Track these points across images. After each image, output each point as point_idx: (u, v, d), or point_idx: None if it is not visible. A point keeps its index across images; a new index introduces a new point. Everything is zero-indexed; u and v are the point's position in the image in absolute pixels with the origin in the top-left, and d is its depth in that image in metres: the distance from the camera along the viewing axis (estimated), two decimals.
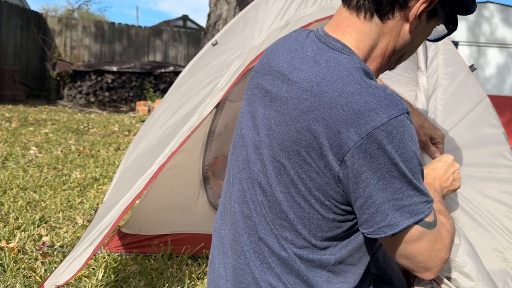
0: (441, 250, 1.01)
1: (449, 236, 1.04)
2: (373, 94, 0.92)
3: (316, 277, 1.02)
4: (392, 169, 0.91)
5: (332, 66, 0.98)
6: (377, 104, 0.91)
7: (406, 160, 0.92)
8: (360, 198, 0.94)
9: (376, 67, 1.08)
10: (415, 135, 0.95)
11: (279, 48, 1.11)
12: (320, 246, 1.01)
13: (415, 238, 0.97)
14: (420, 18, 1.03)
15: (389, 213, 0.93)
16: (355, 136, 0.90)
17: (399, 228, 0.94)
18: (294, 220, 1.00)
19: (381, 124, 0.90)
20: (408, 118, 0.94)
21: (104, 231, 1.70)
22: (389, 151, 0.90)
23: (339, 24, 1.05)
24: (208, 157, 2.38)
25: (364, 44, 1.03)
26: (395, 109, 0.91)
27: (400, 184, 0.92)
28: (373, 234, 0.96)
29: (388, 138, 0.90)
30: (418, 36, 1.07)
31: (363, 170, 0.92)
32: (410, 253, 0.99)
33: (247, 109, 1.11)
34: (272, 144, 1.01)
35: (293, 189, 0.99)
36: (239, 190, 1.09)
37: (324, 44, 1.03)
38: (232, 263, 1.10)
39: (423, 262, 1.00)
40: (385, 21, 1.02)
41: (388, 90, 0.95)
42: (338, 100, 0.93)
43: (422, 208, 0.95)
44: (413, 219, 0.94)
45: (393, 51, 1.07)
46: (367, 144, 0.90)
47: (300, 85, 0.99)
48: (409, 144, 0.92)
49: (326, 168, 0.94)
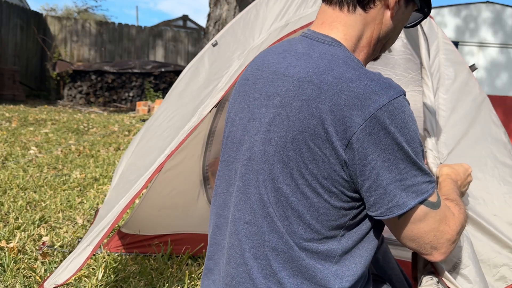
0: (446, 231, 1.02)
1: (456, 220, 1.05)
2: (371, 78, 0.96)
3: (324, 271, 1.02)
4: (396, 149, 0.94)
5: (326, 57, 1.02)
6: (377, 87, 0.95)
7: (408, 140, 0.95)
8: (367, 180, 0.96)
9: (363, 57, 1.12)
10: (414, 116, 0.99)
11: (267, 54, 1.14)
12: (328, 235, 1.02)
13: (421, 218, 0.99)
14: (399, 3, 1.09)
15: (397, 193, 0.96)
16: (359, 119, 0.93)
17: (407, 208, 0.96)
18: (303, 212, 1.00)
19: (383, 105, 0.93)
20: (406, 100, 0.98)
21: (103, 231, 1.70)
22: (392, 131, 0.93)
23: (324, 21, 1.10)
24: (208, 157, 2.38)
25: (351, 35, 1.08)
26: (394, 90, 0.95)
27: (404, 164, 0.95)
28: (382, 215, 0.98)
29: (390, 118, 0.93)
30: (399, 22, 1.13)
31: (369, 152, 0.94)
32: (416, 234, 1.01)
33: (241, 116, 1.11)
34: (275, 138, 1.02)
35: (300, 180, 0.99)
36: (239, 197, 1.09)
37: (314, 40, 1.07)
38: (230, 272, 1.09)
39: (430, 243, 1.02)
40: (367, 10, 1.07)
41: (383, 75, 1.00)
42: (339, 85, 0.96)
43: (426, 188, 0.98)
44: (419, 199, 0.97)
45: (377, 39, 1.11)
46: (371, 126, 0.93)
47: (298, 77, 1.01)
48: (410, 124, 0.96)
49: (332, 154, 0.96)
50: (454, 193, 1.18)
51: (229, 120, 1.16)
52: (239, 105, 1.13)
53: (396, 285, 1.37)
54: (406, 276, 1.43)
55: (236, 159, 1.11)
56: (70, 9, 19.22)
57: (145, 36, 13.61)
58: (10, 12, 11.64)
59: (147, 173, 1.78)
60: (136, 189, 1.76)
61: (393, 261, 1.40)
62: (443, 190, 1.20)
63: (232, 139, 1.13)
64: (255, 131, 1.06)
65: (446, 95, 1.64)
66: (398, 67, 2.01)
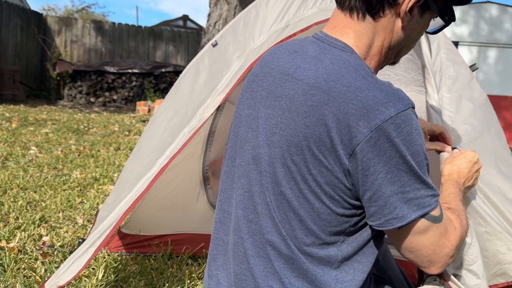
0: (445, 246, 1.02)
1: (457, 234, 1.05)
2: (380, 89, 0.95)
3: (324, 275, 1.02)
4: (400, 162, 0.93)
5: (336, 63, 1.00)
6: (385, 98, 0.94)
7: (413, 153, 0.94)
8: (368, 190, 0.95)
9: (374, 65, 1.10)
10: (421, 130, 0.98)
11: (277, 51, 1.12)
12: (328, 241, 1.02)
13: (421, 231, 0.99)
14: (411, 13, 1.05)
15: (397, 206, 0.95)
16: (364, 130, 0.92)
17: (407, 221, 0.96)
18: (304, 216, 1.00)
19: (390, 117, 0.92)
20: (414, 113, 0.96)
21: (105, 232, 1.70)
22: (398, 144, 0.92)
23: (336, 25, 1.08)
24: (208, 157, 2.38)
25: (362, 43, 1.06)
26: (402, 103, 0.94)
27: (407, 177, 0.94)
28: (381, 226, 0.98)
29: (396, 131, 0.92)
30: (413, 30, 1.09)
31: (372, 163, 0.93)
32: (415, 246, 1.00)
33: (248, 112, 1.11)
34: (279, 141, 1.02)
35: (302, 185, 0.99)
36: (242, 195, 1.09)
37: (326, 44, 1.06)
38: (234, 269, 1.10)
39: (428, 256, 1.02)
40: (377, 19, 1.05)
41: (393, 86, 0.98)
42: (347, 94, 0.95)
43: (429, 202, 0.97)
44: (420, 212, 0.96)
45: (388, 48, 1.09)
46: (376, 137, 0.92)
47: (307, 82, 1.00)
48: (416, 137, 0.95)
49: (336, 162, 0.96)
50: (456, 199, 1.16)
51: (236, 115, 1.16)
52: (246, 101, 1.13)
53: (396, 285, 1.37)
54: (406, 276, 1.43)
55: (240, 156, 1.11)
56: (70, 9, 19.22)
57: (145, 36, 13.61)
58: (10, 12, 11.64)
59: (149, 175, 1.78)
60: (138, 191, 1.76)
61: (393, 262, 1.40)
62: (444, 194, 1.18)
63: (238, 135, 1.13)
64: (261, 130, 1.06)
65: (449, 94, 1.64)
66: (398, 67, 2.01)
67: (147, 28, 13.77)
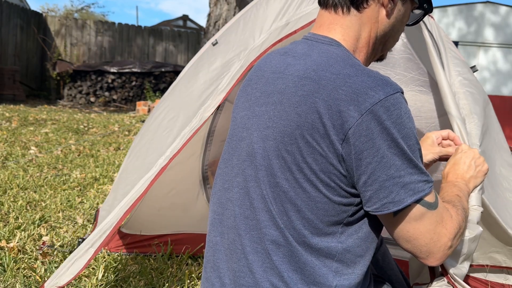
0: (443, 234, 1.02)
1: (454, 222, 1.05)
2: (368, 75, 0.98)
3: (323, 267, 1.02)
4: (392, 145, 0.95)
5: (324, 55, 1.04)
6: (374, 83, 0.96)
7: (404, 137, 0.96)
8: (363, 174, 0.96)
9: (363, 57, 1.13)
10: (411, 115, 0.99)
11: (270, 56, 1.17)
12: (326, 231, 1.02)
13: (416, 218, 0.99)
14: (394, 1, 1.10)
15: (393, 190, 0.96)
16: (355, 114, 0.94)
17: (403, 205, 0.97)
18: (302, 206, 1.01)
19: (379, 100, 0.94)
20: (403, 98, 0.98)
21: (106, 233, 1.69)
22: (388, 126, 0.94)
23: (322, 23, 1.12)
24: (208, 157, 2.38)
25: (350, 36, 1.09)
26: (391, 87, 0.96)
27: (400, 161, 0.96)
28: (377, 210, 0.99)
29: (386, 114, 0.94)
30: (397, 20, 1.13)
31: (365, 147, 0.94)
32: (412, 235, 1.01)
33: (242, 114, 1.13)
34: (273, 134, 1.03)
35: (298, 174, 1.00)
36: (238, 193, 1.10)
37: (313, 41, 1.10)
38: (232, 267, 1.10)
39: (426, 246, 1.02)
40: (361, 10, 1.09)
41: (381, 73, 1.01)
42: (336, 81, 0.97)
43: (422, 187, 0.98)
44: (415, 197, 0.97)
45: (376, 38, 1.13)
46: (367, 121, 0.93)
47: (297, 75, 1.03)
48: (407, 121, 0.97)
49: (329, 149, 0.97)
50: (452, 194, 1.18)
51: (232, 119, 1.18)
52: (241, 105, 1.15)
53: (396, 285, 1.37)
54: (404, 276, 1.43)
55: (235, 155, 1.12)
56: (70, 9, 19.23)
57: (145, 36, 13.61)
58: (10, 12, 11.64)
59: (149, 175, 1.77)
60: (139, 191, 1.75)
61: (392, 262, 1.40)
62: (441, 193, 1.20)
63: (233, 137, 1.15)
64: (255, 127, 1.07)
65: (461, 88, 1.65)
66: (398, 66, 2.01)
67: (147, 28, 13.77)
